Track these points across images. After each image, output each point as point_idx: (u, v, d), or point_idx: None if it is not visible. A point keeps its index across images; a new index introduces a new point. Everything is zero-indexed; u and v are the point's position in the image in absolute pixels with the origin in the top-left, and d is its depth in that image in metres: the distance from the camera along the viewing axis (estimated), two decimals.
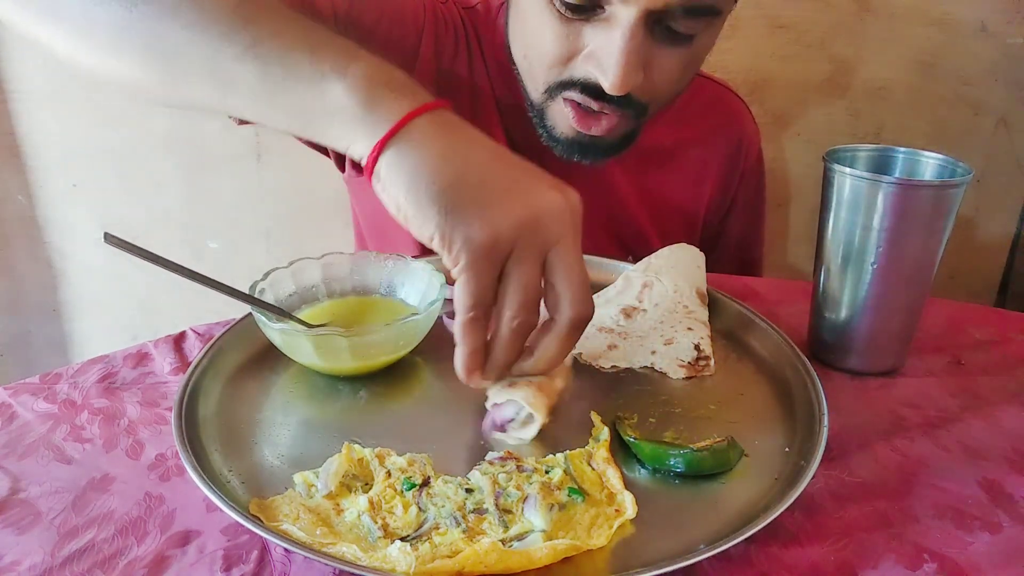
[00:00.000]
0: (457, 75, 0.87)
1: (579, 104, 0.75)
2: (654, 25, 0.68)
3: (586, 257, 0.55)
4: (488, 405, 0.59)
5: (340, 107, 0.53)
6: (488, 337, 0.55)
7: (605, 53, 0.69)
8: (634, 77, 0.69)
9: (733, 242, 1.08)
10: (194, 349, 0.71)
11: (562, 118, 0.77)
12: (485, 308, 0.53)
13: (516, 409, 0.58)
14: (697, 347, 0.69)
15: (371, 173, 0.53)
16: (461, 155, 0.53)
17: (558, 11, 0.69)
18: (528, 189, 0.53)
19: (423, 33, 0.84)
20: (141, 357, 0.70)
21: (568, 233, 0.53)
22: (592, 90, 0.72)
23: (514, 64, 0.82)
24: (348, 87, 0.52)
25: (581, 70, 0.72)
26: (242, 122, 0.76)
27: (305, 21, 0.56)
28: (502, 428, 0.59)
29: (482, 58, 0.88)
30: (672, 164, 0.98)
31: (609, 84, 0.69)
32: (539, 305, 0.54)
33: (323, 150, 0.93)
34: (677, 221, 1.01)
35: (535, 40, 0.74)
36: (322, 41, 0.55)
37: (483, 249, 0.51)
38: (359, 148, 0.53)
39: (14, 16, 0.59)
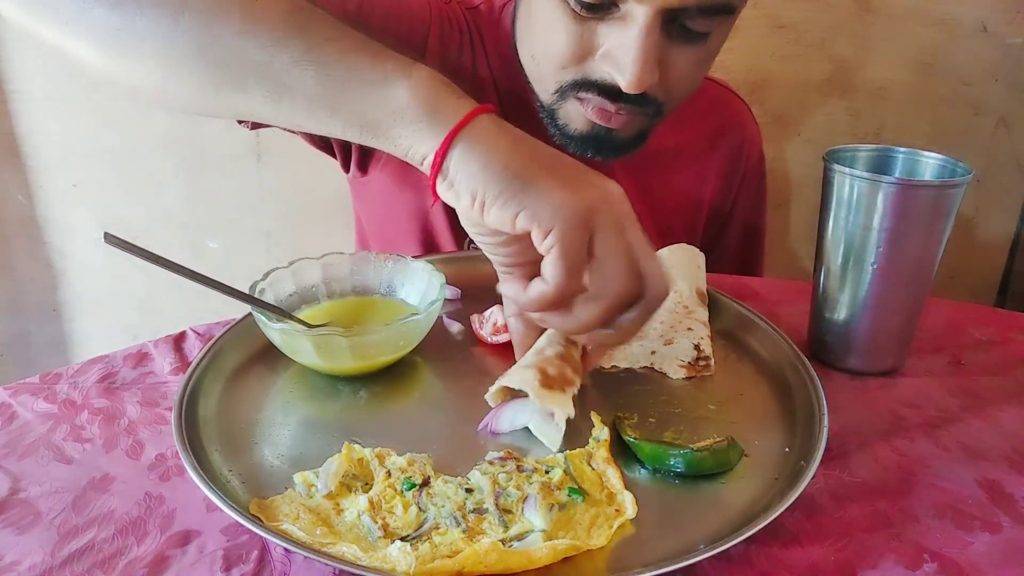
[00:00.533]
0: (462, 72, 0.87)
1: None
2: (669, 23, 0.68)
3: None
4: (489, 399, 0.60)
5: (404, 107, 0.53)
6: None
7: (621, 52, 0.68)
8: (651, 75, 0.69)
9: (734, 242, 1.08)
10: (194, 349, 0.71)
11: (576, 115, 0.77)
12: (579, 276, 0.52)
13: (510, 420, 0.59)
14: (697, 347, 0.69)
15: (438, 170, 0.53)
16: (526, 146, 0.54)
17: (572, 10, 0.69)
18: (591, 176, 0.54)
19: (429, 31, 0.84)
20: (141, 357, 0.70)
21: (632, 217, 0.53)
22: (609, 91, 0.72)
23: (521, 64, 0.82)
24: (413, 87, 0.53)
25: (598, 71, 0.72)
26: (255, 125, 0.76)
27: (353, 29, 0.56)
28: (495, 433, 0.59)
29: (485, 56, 0.88)
30: (674, 165, 0.98)
31: (626, 83, 0.69)
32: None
33: (328, 150, 0.93)
34: (678, 222, 1.01)
35: (547, 39, 0.74)
36: (376, 46, 0.55)
37: (577, 216, 0.51)
38: (423, 148, 0.53)
39: (39, 28, 0.56)
